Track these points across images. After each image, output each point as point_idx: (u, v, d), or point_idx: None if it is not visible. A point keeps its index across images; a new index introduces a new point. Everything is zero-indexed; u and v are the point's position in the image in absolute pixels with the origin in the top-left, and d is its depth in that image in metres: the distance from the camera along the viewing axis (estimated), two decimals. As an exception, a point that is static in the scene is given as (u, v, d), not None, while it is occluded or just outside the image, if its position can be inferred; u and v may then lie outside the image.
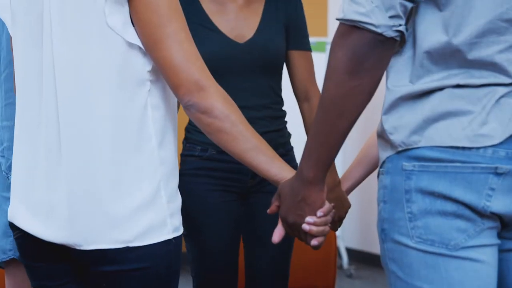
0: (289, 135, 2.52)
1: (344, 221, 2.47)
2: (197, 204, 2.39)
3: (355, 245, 5.85)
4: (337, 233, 5.59)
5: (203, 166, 2.40)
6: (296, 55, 2.46)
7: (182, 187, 2.39)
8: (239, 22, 2.41)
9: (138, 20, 1.53)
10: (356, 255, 5.77)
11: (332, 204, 2.35)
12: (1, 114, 2.10)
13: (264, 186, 2.40)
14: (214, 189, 2.40)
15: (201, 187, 2.40)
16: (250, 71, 2.39)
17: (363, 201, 5.35)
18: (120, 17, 1.52)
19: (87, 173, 1.53)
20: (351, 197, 2.44)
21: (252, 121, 2.36)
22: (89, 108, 1.53)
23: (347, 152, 5.62)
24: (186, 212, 2.39)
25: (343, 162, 5.41)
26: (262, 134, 2.35)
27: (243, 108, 2.35)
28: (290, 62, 2.47)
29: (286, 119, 2.51)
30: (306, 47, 2.48)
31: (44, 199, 1.58)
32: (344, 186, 2.38)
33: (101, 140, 1.53)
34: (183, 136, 2.50)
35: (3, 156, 2.10)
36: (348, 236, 5.83)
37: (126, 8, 1.52)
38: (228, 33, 2.39)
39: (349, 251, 5.79)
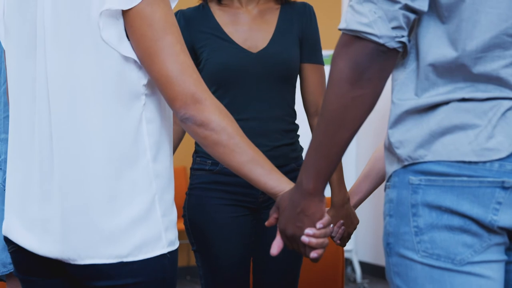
0: (301, 149, 2.48)
1: (358, 234, 2.47)
2: (207, 219, 2.37)
3: (369, 258, 5.81)
4: (350, 246, 5.57)
5: (214, 180, 2.38)
6: (308, 69, 2.44)
7: (193, 201, 2.41)
8: (252, 32, 2.40)
9: (133, 34, 1.51)
10: (369, 269, 5.74)
11: (342, 221, 2.35)
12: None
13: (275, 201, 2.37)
14: (225, 204, 2.37)
15: (212, 201, 2.37)
16: (263, 81, 2.36)
17: (377, 215, 5.33)
18: (115, 31, 1.51)
19: (80, 187, 1.52)
20: (364, 211, 2.44)
21: (264, 133, 2.37)
22: (82, 122, 1.52)
23: (359, 165, 5.60)
24: (197, 227, 2.40)
25: (356, 175, 5.38)
26: (274, 147, 2.37)
27: (255, 119, 2.38)
28: (302, 75, 2.45)
29: (298, 132, 2.48)
30: (318, 60, 2.45)
31: (38, 214, 1.57)
32: (352, 201, 2.37)
33: (95, 154, 1.52)
34: (188, 148, 2.48)
35: (1, 169, 2.09)
36: (361, 249, 5.80)
37: (121, 22, 1.51)
38: (241, 43, 2.38)
39: (363, 264, 5.75)
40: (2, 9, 1.64)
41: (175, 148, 2.37)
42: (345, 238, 2.38)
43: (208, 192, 2.37)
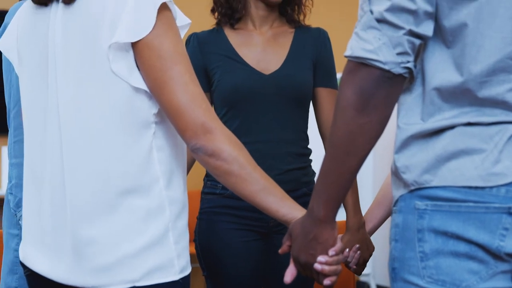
0: (313, 173, 2.47)
1: (375, 258, 2.45)
2: (218, 244, 2.37)
3: (386, 282, 5.77)
4: (368, 270, 5.53)
5: (224, 204, 2.37)
6: (322, 93, 2.43)
7: (203, 226, 2.41)
8: (266, 55, 2.40)
9: (142, 65, 1.53)
10: (387, 293, 5.70)
11: (357, 246, 2.33)
12: (10, 151, 2.12)
13: (286, 226, 2.37)
14: (235, 228, 2.36)
15: (222, 225, 2.37)
16: (276, 103, 2.36)
17: (394, 238, 5.27)
18: (125, 63, 1.52)
19: (91, 218, 1.54)
20: (382, 234, 2.42)
21: (275, 156, 2.37)
22: (93, 152, 1.54)
23: (376, 185, 5.57)
24: (207, 252, 2.39)
25: (373, 194, 5.34)
26: (285, 171, 2.37)
27: (266, 141, 2.38)
28: (316, 99, 2.44)
29: (312, 157, 2.48)
30: (333, 85, 2.44)
31: (52, 241, 1.59)
32: (366, 228, 2.35)
33: (106, 183, 1.53)
34: (200, 172, 2.49)
35: (11, 193, 2.11)
36: (378, 273, 5.76)
37: (130, 53, 1.53)
38: (254, 65, 2.38)
39: (381, 288, 5.72)
40: (16, 36, 1.67)
41: (187, 172, 2.38)
42: (360, 265, 2.35)
43: (218, 216, 2.37)
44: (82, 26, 1.54)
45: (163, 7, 1.53)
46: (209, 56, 2.40)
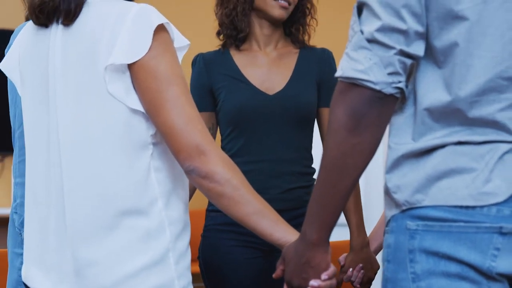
0: None
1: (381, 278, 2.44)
2: (220, 260, 2.37)
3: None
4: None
5: (227, 222, 2.35)
6: (326, 113, 2.43)
7: (207, 243, 2.42)
8: (270, 75, 2.42)
9: (138, 86, 1.54)
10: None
11: (361, 265, 2.33)
12: (15, 171, 2.13)
13: None
14: (238, 245, 2.37)
15: (225, 242, 2.37)
16: (280, 123, 2.37)
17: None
18: (122, 84, 1.53)
19: (91, 239, 1.54)
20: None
21: (278, 175, 2.37)
22: (91, 171, 1.55)
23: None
24: (210, 268, 2.39)
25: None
26: (288, 190, 2.37)
27: (270, 161, 2.38)
28: (320, 119, 2.45)
29: (315, 176, 2.48)
30: None
31: (53, 261, 1.59)
32: (371, 247, 2.35)
33: (104, 204, 1.54)
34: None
35: (16, 213, 2.12)
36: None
37: (127, 75, 1.54)
38: (258, 85, 2.39)
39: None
40: (18, 57, 1.69)
41: (192, 191, 2.39)
42: (365, 284, 2.35)
43: (222, 234, 2.37)
44: (80, 47, 1.56)
45: (160, 29, 1.55)
46: (215, 76, 2.42)
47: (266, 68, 2.42)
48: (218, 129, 2.48)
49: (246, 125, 2.36)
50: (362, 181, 3.45)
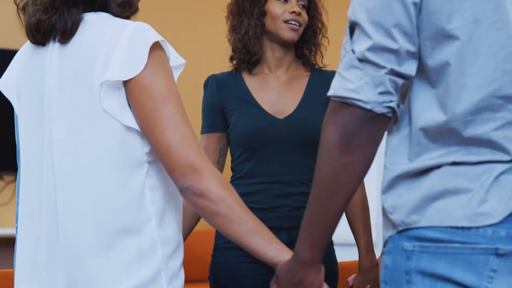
0: None
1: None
2: (228, 277, 2.39)
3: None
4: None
5: None
6: None
7: (217, 262, 2.43)
8: (280, 98, 2.43)
9: (133, 103, 1.55)
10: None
11: (369, 286, 2.31)
12: (18, 191, 2.14)
13: None
14: (244, 261, 2.37)
15: (233, 259, 2.38)
16: (289, 146, 2.38)
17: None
18: (117, 101, 1.54)
19: (83, 256, 1.54)
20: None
21: (286, 196, 2.38)
22: (85, 190, 1.55)
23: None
24: (219, 285, 2.40)
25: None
26: (296, 208, 2.37)
27: (278, 183, 2.40)
28: None
29: None
30: None
31: (46, 279, 1.59)
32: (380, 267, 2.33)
33: (97, 222, 1.54)
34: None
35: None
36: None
37: (122, 92, 1.54)
38: (268, 108, 2.41)
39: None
40: (15, 76, 1.70)
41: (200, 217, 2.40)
42: None
43: (229, 251, 2.38)
44: (76, 64, 1.57)
45: (156, 46, 1.55)
46: (227, 98, 2.44)
47: (277, 92, 2.44)
48: (229, 150, 2.49)
49: (255, 147, 2.38)
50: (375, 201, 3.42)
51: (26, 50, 1.69)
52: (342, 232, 2.36)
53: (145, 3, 1.88)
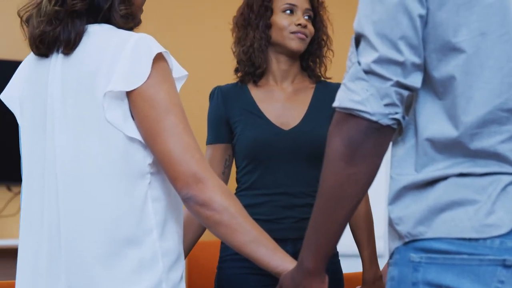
0: None
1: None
2: None
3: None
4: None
5: None
6: None
7: (222, 274, 2.42)
8: (286, 110, 2.44)
9: (136, 114, 1.55)
10: None
11: None
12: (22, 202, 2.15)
13: None
14: (252, 273, 2.35)
15: (239, 271, 2.38)
16: (294, 157, 2.38)
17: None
18: (120, 112, 1.55)
19: (84, 267, 1.54)
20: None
21: (291, 207, 2.38)
22: (87, 200, 1.55)
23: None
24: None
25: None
26: (301, 219, 2.36)
27: (284, 194, 2.40)
28: None
29: None
30: None
31: None
32: (384, 280, 2.33)
33: (100, 234, 1.54)
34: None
35: None
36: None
37: (125, 102, 1.55)
38: (274, 120, 2.41)
39: None
40: (18, 87, 1.71)
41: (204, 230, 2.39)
42: None
43: (236, 263, 2.37)
44: (79, 75, 1.57)
45: (159, 58, 1.56)
46: (232, 110, 2.44)
47: (282, 103, 2.45)
48: (234, 161, 2.49)
49: (261, 159, 2.38)
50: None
51: (29, 61, 1.70)
52: (348, 242, 2.36)
53: (149, 15, 1.89)
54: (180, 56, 1.94)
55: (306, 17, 2.45)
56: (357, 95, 1.37)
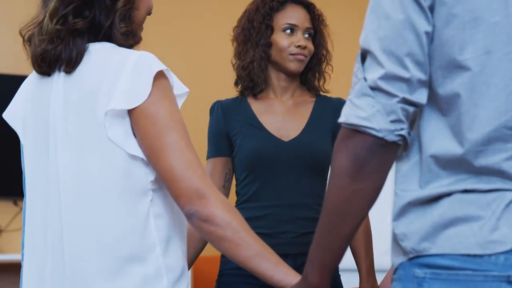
0: None
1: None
2: None
3: None
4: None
5: None
6: None
7: (220, 286, 2.40)
8: (286, 122, 2.45)
9: (138, 132, 1.56)
10: None
11: None
12: (24, 218, 2.14)
13: None
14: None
15: (240, 286, 2.37)
16: (294, 169, 2.39)
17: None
18: (122, 130, 1.55)
19: (88, 283, 1.55)
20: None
21: (292, 220, 2.38)
22: (90, 218, 1.56)
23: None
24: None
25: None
26: (302, 234, 2.37)
27: (284, 206, 2.40)
28: None
29: None
30: None
31: None
32: None
33: (102, 250, 1.55)
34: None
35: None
36: None
37: (127, 120, 1.56)
38: (274, 131, 2.42)
39: None
40: (21, 106, 1.72)
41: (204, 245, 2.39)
42: None
43: (236, 278, 2.37)
44: (81, 94, 1.58)
45: (160, 75, 1.57)
46: (232, 122, 2.45)
47: (282, 116, 2.46)
48: (234, 174, 2.49)
49: (260, 170, 2.38)
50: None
51: (32, 80, 1.71)
52: (348, 258, 2.36)
53: (149, 31, 1.89)
54: (180, 72, 1.95)
55: (306, 35, 2.46)
56: (363, 111, 1.38)
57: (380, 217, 2.51)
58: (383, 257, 2.43)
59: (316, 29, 2.50)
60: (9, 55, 4.22)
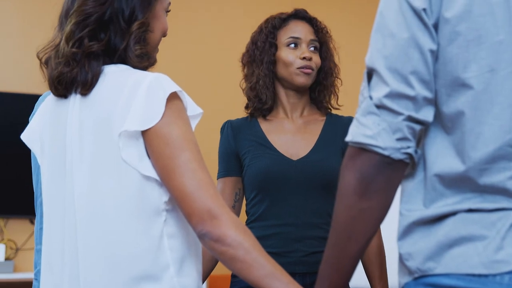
0: None
1: None
2: None
3: None
4: None
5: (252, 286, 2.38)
6: None
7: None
8: (295, 142, 2.45)
9: (151, 152, 1.57)
10: None
11: None
12: (36, 238, 2.16)
13: None
14: None
15: None
16: (303, 188, 2.39)
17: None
18: (135, 151, 1.57)
19: None
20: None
21: (300, 239, 2.37)
22: (104, 238, 1.57)
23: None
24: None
25: None
26: (311, 253, 2.37)
27: (292, 225, 2.40)
28: None
29: None
30: None
31: None
32: None
33: (116, 270, 1.56)
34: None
35: (36, 279, 2.14)
36: None
37: (141, 141, 1.57)
38: (283, 151, 2.43)
39: None
40: (39, 128, 1.74)
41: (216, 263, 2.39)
42: None
43: None
44: (96, 116, 1.60)
45: (174, 96, 1.59)
46: (241, 142, 2.46)
47: (291, 135, 2.46)
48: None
49: (270, 189, 2.39)
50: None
51: (49, 102, 1.74)
52: (358, 276, 2.35)
53: (164, 54, 1.91)
54: (193, 93, 1.96)
55: (311, 48, 2.47)
56: (369, 129, 1.38)
57: (390, 237, 2.50)
58: (393, 277, 2.42)
59: (322, 42, 2.50)
60: (13, 72, 4.28)
